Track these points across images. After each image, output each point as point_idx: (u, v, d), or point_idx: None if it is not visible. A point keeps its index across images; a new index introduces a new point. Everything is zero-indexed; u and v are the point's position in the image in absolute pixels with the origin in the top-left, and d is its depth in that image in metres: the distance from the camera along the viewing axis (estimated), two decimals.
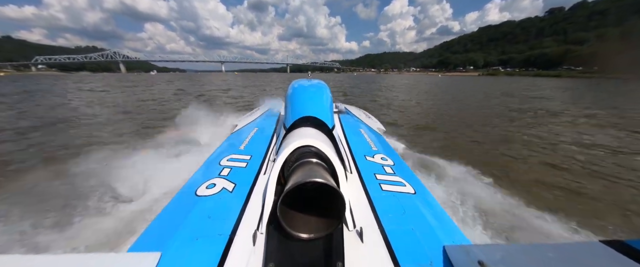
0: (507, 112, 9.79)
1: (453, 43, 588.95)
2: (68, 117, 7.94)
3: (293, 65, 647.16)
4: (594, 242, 0.65)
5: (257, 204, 1.16)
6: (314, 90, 2.30)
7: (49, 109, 9.56)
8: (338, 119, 2.95)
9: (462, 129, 6.88)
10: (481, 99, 14.47)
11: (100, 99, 13.23)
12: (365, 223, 1.04)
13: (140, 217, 2.28)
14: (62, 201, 2.67)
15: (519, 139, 5.81)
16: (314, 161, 1.10)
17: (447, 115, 9.23)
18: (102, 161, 3.68)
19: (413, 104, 12.13)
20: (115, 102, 11.82)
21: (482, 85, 29.69)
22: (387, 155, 1.91)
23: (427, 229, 1.05)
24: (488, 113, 9.59)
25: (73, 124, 6.97)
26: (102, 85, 24.83)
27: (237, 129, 2.76)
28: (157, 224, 1.08)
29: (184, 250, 0.89)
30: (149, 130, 6.25)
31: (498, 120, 8.04)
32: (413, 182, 1.49)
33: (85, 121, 7.39)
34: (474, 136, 6.15)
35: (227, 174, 1.46)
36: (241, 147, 1.95)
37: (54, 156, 4.34)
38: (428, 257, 0.89)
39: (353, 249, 0.90)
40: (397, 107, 11.10)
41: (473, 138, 5.92)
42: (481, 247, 0.85)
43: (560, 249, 0.68)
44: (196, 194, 1.26)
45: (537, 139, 5.78)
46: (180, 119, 6.16)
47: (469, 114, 9.38)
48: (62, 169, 3.48)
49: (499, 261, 0.73)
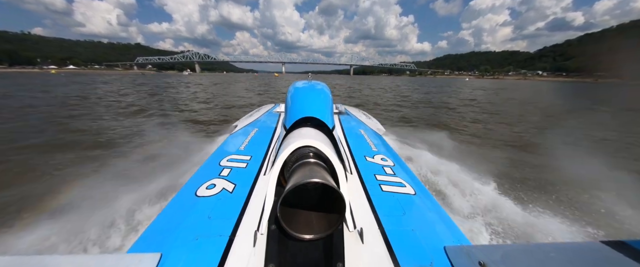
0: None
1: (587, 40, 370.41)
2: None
3: (358, 66, 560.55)
4: (595, 242, 0.65)
5: (257, 204, 1.16)
6: (314, 91, 2.30)
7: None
8: (338, 120, 2.95)
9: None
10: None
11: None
12: (365, 224, 1.04)
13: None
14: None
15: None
16: (314, 161, 1.10)
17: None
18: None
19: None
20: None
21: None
22: (387, 156, 1.91)
23: (428, 230, 1.05)
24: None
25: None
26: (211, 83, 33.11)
27: (237, 129, 2.76)
28: (157, 224, 1.08)
29: (184, 250, 0.89)
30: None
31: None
32: (413, 182, 1.49)
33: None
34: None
35: (227, 175, 1.46)
36: (241, 148, 1.95)
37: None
38: (428, 257, 0.89)
39: (353, 249, 0.90)
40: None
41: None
42: (482, 248, 0.85)
43: (561, 250, 0.68)
44: (196, 194, 1.25)
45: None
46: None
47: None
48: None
49: (500, 261, 0.73)
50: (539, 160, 4.46)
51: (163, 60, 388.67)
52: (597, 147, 5.52)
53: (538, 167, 4.07)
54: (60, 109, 8.84)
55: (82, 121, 6.87)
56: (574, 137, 6.10)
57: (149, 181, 2.76)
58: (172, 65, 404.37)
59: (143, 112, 8.65)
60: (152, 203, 2.34)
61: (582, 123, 7.86)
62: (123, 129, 6.22)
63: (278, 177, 1.08)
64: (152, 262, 0.82)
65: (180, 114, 8.80)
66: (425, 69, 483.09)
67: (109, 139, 5.27)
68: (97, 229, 1.99)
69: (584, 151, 5.02)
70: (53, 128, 6.03)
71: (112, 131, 5.88)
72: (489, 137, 6.43)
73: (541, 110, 11.62)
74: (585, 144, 5.65)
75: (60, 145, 4.75)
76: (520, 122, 8.55)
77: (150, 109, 9.27)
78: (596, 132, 6.70)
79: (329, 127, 1.84)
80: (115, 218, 2.11)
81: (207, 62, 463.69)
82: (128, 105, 10.00)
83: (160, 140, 5.18)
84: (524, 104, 14.14)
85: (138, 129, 6.16)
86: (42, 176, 3.39)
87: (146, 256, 0.84)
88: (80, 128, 6.07)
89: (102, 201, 2.43)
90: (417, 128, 7.05)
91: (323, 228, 0.88)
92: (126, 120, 7.25)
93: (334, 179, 1.04)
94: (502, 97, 18.61)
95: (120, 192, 2.51)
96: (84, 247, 1.83)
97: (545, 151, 4.95)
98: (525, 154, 4.94)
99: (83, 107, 9.29)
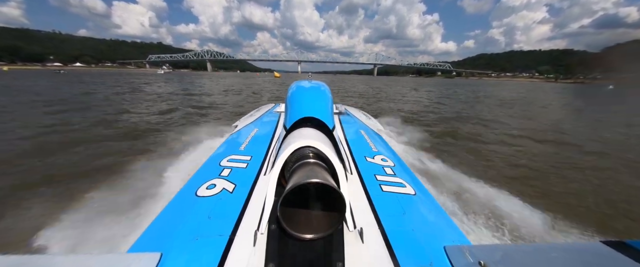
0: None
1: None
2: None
3: (382, 66, 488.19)
4: (595, 243, 0.65)
5: (257, 204, 1.16)
6: (314, 91, 2.31)
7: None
8: (338, 120, 2.95)
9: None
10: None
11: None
12: (365, 224, 1.04)
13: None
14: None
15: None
16: (315, 161, 1.10)
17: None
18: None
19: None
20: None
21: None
22: (387, 156, 1.91)
23: (428, 230, 1.05)
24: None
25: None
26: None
27: (238, 129, 2.77)
28: (157, 224, 1.08)
29: (184, 250, 0.89)
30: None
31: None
32: (413, 183, 1.49)
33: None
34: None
35: (228, 175, 1.46)
36: (241, 148, 1.95)
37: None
38: (428, 257, 0.89)
39: (353, 249, 0.90)
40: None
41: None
42: (481, 248, 0.85)
43: (561, 250, 0.68)
44: (196, 194, 1.26)
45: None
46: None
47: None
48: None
49: (500, 261, 0.73)
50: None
51: (175, 58, 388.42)
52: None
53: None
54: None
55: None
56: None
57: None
58: (186, 63, 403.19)
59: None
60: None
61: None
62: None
63: (278, 177, 1.08)
64: (152, 262, 0.82)
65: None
66: (464, 70, 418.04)
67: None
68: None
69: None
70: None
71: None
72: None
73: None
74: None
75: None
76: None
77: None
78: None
79: (329, 127, 1.84)
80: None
81: (221, 60, 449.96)
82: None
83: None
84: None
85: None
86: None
87: (146, 256, 0.84)
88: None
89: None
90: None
91: (323, 228, 0.88)
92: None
93: (334, 179, 1.04)
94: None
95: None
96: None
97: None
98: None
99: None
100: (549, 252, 0.69)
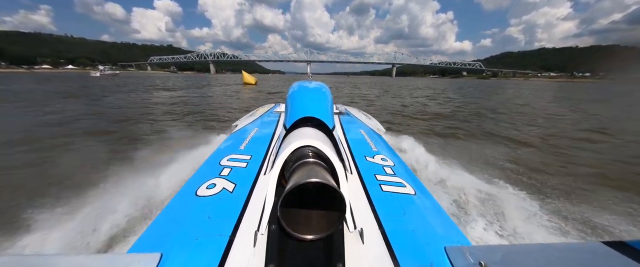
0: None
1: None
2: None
3: (400, 66, 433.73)
4: (595, 243, 0.65)
5: (257, 204, 1.16)
6: (314, 91, 2.31)
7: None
8: (338, 120, 2.95)
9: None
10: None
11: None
12: (365, 224, 1.04)
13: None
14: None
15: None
16: (315, 161, 1.10)
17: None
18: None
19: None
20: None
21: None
22: (387, 156, 1.91)
23: (428, 230, 1.05)
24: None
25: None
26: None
27: (238, 129, 2.77)
28: (157, 224, 1.08)
29: (184, 250, 0.89)
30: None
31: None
32: (413, 182, 1.49)
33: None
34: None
35: (228, 174, 1.46)
36: (241, 147, 1.95)
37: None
38: (428, 258, 0.89)
39: (353, 250, 0.90)
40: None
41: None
42: (482, 248, 0.85)
43: (562, 250, 0.68)
44: (196, 194, 1.25)
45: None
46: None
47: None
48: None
49: (500, 261, 0.73)
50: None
51: (176, 59, 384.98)
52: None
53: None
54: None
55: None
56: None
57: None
58: (192, 65, 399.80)
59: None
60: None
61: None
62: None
63: (278, 176, 1.08)
64: (152, 262, 0.82)
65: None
66: (500, 70, 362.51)
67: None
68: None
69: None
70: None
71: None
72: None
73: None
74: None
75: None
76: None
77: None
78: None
79: (329, 127, 1.84)
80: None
81: (226, 61, 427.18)
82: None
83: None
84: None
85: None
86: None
87: (146, 256, 0.84)
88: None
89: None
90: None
91: (323, 228, 0.88)
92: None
93: (334, 179, 1.04)
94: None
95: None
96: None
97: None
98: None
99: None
100: (549, 252, 0.69)
